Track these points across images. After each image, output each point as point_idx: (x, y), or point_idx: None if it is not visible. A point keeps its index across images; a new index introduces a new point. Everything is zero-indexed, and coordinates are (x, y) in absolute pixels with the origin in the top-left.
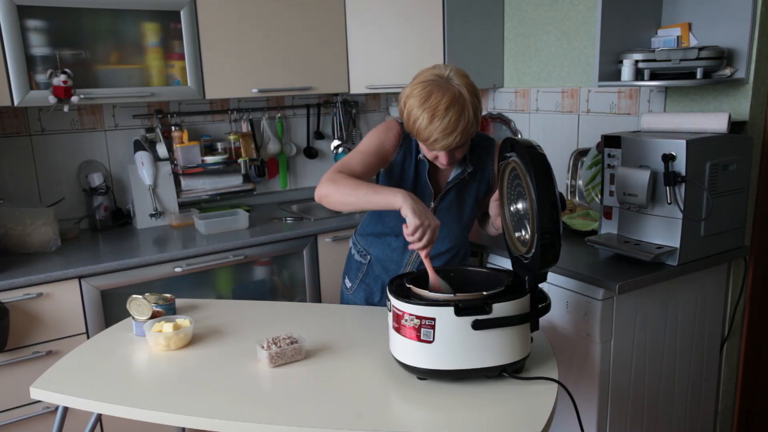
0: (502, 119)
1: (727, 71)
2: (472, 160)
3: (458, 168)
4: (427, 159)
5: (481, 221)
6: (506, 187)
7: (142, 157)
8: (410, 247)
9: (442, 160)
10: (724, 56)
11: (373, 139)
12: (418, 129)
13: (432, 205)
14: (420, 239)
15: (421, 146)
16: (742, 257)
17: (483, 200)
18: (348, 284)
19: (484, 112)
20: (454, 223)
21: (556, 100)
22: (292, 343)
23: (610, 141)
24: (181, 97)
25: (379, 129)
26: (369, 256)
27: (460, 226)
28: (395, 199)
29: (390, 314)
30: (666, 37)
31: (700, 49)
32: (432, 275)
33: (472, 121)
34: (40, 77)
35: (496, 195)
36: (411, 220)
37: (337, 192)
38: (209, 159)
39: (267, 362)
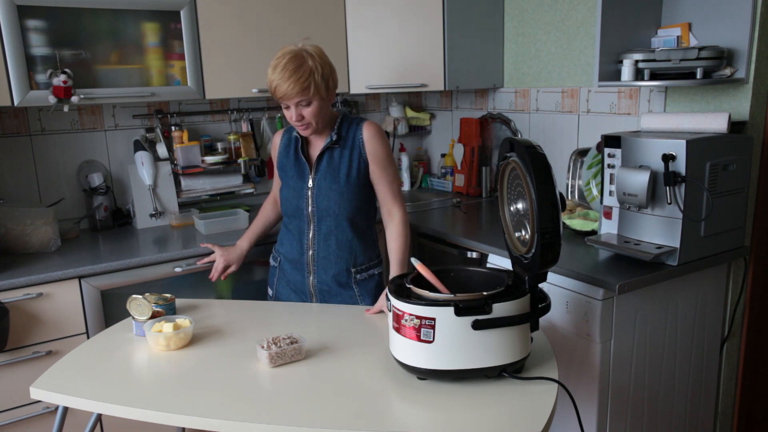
0: (502, 119)
1: (727, 71)
2: (339, 132)
3: (327, 140)
4: (300, 136)
5: None
6: (506, 187)
7: (142, 157)
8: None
9: (292, 116)
10: (724, 56)
11: (273, 156)
12: (268, 83)
13: (310, 176)
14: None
15: (283, 111)
16: (742, 257)
17: (363, 171)
18: (270, 293)
19: (483, 112)
20: (333, 188)
21: (556, 100)
22: (292, 343)
23: (610, 141)
24: (181, 97)
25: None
26: (279, 257)
27: (339, 193)
28: None
29: (390, 314)
30: (666, 37)
31: (700, 49)
32: (432, 278)
33: (310, 75)
34: (40, 77)
35: None
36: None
37: None
38: (209, 159)
39: (267, 362)
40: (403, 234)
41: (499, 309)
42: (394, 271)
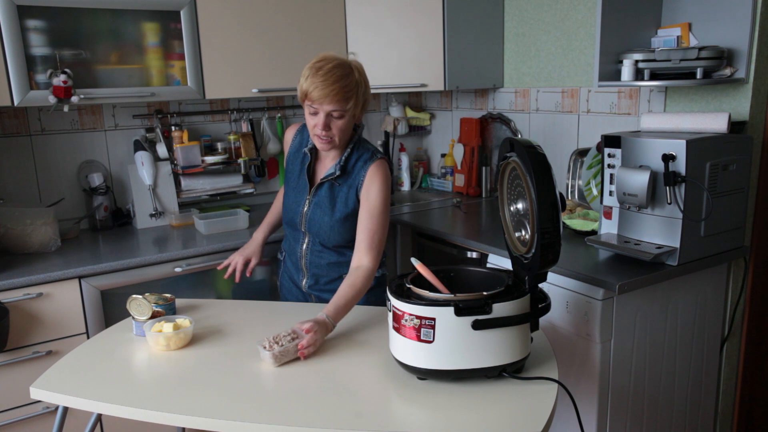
0: (502, 119)
1: (727, 71)
2: (345, 165)
3: (332, 168)
4: (309, 153)
5: None
6: (506, 187)
7: (142, 157)
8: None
9: (318, 124)
10: (724, 56)
11: (285, 150)
12: (302, 85)
13: (307, 198)
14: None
15: (306, 116)
16: (742, 257)
17: (354, 209)
18: (279, 285)
19: (483, 112)
20: (324, 220)
21: (556, 100)
22: (293, 339)
23: (610, 141)
24: (181, 97)
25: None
26: (284, 252)
27: (330, 226)
28: None
29: (390, 314)
30: (666, 37)
31: (700, 49)
32: (432, 278)
33: (354, 87)
34: (40, 77)
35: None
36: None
37: None
38: (209, 159)
39: (271, 362)
40: (359, 287)
41: (499, 309)
42: (326, 309)
